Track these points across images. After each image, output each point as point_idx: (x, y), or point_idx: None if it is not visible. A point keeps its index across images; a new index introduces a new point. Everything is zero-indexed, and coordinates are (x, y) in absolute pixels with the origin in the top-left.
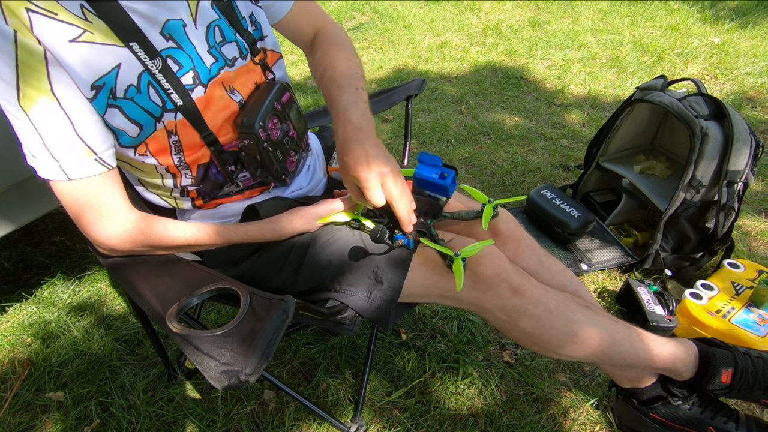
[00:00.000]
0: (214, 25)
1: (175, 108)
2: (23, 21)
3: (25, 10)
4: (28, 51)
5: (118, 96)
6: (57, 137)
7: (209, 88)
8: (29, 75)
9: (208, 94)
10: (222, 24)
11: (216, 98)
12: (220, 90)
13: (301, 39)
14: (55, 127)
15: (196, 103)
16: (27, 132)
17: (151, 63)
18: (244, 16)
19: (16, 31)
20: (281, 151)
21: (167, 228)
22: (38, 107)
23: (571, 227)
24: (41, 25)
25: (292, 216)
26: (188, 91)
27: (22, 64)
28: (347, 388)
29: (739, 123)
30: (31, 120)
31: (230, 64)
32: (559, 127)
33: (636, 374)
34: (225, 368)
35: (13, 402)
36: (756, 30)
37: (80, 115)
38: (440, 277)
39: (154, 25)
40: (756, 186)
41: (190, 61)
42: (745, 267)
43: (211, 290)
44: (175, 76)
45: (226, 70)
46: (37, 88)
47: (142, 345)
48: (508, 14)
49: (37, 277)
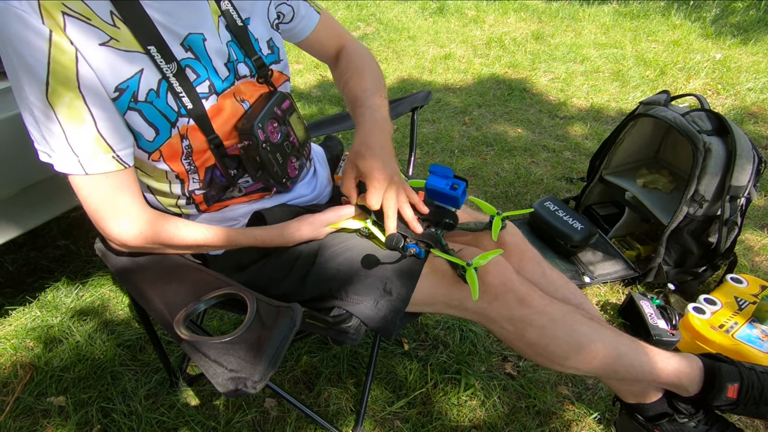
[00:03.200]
0: (230, 44)
1: (187, 113)
2: (58, 22)
3: (61, 13)
4: (60, 50)
5: (140, 99)
6: (79, 133)
7: (221, 98)
8: (59, 72)
9: (220, 103)
10: (233, 45)
11: (227, 107)
12: (231, 100)
13: (324, 55)
14: (78, 123)
15: (208, 111)
16: (50, 126)
17: (166, 67)
18: (258, 38)
19: (51, 31)
20: (281, 154)
21: (178, 227)
22: (64, 103)
23: (574, 240)
24: (74, 27)
25: (300, 223)
26: (202, 99)
27: (54, 62)
28: (349, 397)
29: (741, 139)
30: (56, 114)
31: (239, 78)
32: (562, 139)
33: (641, 389)
34: (232, 375)
35: (15, 406)
36: (758, 46)
37: (103, 114)
38: (448, 287)
39: (175, 37)
40: (759, 201)
41: (205, 72)
42: (748, 282)
43: (217, 296)
44: (188, 81)
45: (237, 83)
46: (66, 85)
47: (144, 351)
48: (511, 27)
49: (41, 281)
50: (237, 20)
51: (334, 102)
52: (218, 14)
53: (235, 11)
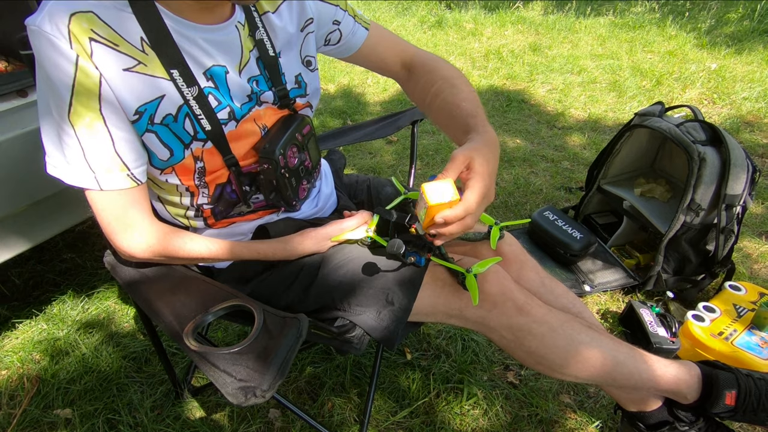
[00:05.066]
0: (254, 79)
1: (205, 137)
2: (85, 48)
3: (89, 39)
4: (85, 74)
5: (156, 122)
6: (97, 151)
7: (241, 124)
8: (82, 94)
9: (240, 129)
10: (260, 79)
11: (246, 131)
12: (251, 124)
13: (387, 69)
14: (96, 142)
15: (227, 134)
16: (69, 142)
17: (187, 90)
18: (285, 72)
19: (78, 56)
20: (296, 179)
21: (185, 241)
22: (85, 122)
23: (574, 248)
24: (100, 53)
25: (303, 237)
26: (222, 124)
27: (78, 84)
28: (352, 407)
29: (735, 149)
30: (76, 133)
31: (260, 104)
32: (561, 149)
33: (641, 397)
34: (241, 384)
35: (22, 418)
36: (752, 56)
37: (121, 134)
38: (448, 296)
39: (199, 66)
40: (756, 209)
41: (225, 100)
42: (746, 289)
43: (225, 307)
44: (209, 105)
45: (257, 109)
46: (87, 106)
47: (149, 362)
48: (509, 39)
49: (47, 294)
50: (270, 50)
51: (335, 115)
52: (250, 48)
53: (270, 41)
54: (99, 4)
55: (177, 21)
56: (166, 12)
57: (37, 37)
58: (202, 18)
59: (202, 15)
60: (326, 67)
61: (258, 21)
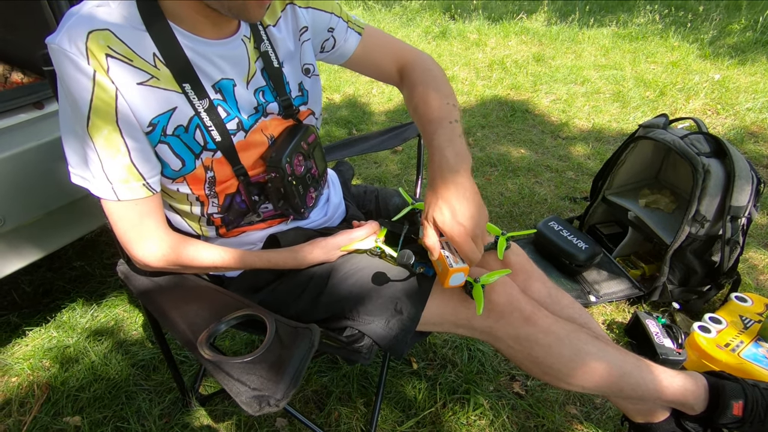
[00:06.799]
0: (260, 90)
1: (215, 147)
2: (102, 64)
3: (105, 56)
4: (102, 88)
5: (168, 133)
6: (114, 162)
7: (249, 134)
8: (100, 108)
9: (248, 139)
10: (266, 90)
11: (254, 141)
12: (259, 134)
13: (384, 75)
14: (113, 153)
15: (236, 144)
16: (89, 154)
17: (198, 103)
18: (290, 81)
19: (95, 71)
20: (303, 186)
21: (198, 250)
22: (102, 134)
23: (579, 259)
24: (116, 68)
25: (313, 246)
26: (231, 135)
27: (96, 98)
28: (359, 417)
29: (740, 161)
30: (95, 145)
31: (267, 115)
32: (565, 159)
33: (648, 408)
34: (255, 393)
35: (32, 426)
36: (755, 67)
37: (136, 145)
38: (456, 306)
39: (208, 79)
40: (761, 220)
41: (233, 112)
42: (753, 301)
43: (237, 317)
44: (219, 116)
45: (263, 120)
46: (105, 119)
47: (157, 370)
48: (512, 50)
49: (57, 301)
50: (274, 62)
51: (341, 124)
52: (255, 59)
53: (274, 53)
54: (116, 23)
55: (189, 38)
56: (179, 29)
57: (57, 54)
58: (213, 33)
59: (212, 30)
60: (332, 77)
61: (263, 34)
